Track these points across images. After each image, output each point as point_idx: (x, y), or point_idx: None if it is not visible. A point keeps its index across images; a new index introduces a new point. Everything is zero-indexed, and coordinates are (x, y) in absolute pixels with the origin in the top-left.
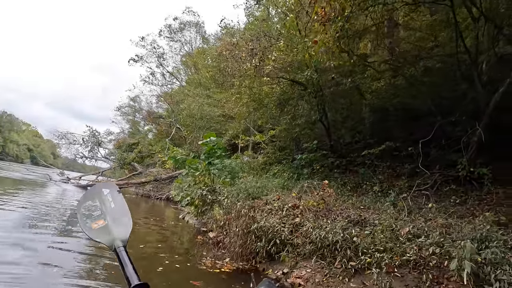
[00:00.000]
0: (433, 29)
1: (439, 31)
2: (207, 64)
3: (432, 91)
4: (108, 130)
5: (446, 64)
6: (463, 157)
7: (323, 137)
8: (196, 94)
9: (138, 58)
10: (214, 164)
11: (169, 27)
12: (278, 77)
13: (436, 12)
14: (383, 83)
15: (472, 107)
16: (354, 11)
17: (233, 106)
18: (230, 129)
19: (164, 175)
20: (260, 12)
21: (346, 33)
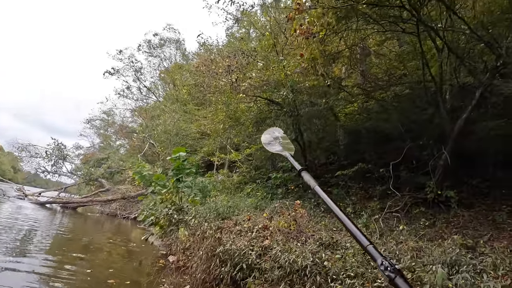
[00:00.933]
0: (402, 59)
1: (407, 60)
2: (184, 80)
3: (402, 115)
4: (77, 144)
5: (414, 90)
6: (431, 180)
7: (299, 157)
8: (173, 110)
9: (114, 71)
10: (183, 181)
11: (148, 42)
12: (255, 96)
13: (405, 43)
14: (356, 106)
15: (438, 132)
16: (328, 34)
17: (210, 122)
18: (205, 146)
19: (134, 192)
20: (241, 34)
21: (321, 54)
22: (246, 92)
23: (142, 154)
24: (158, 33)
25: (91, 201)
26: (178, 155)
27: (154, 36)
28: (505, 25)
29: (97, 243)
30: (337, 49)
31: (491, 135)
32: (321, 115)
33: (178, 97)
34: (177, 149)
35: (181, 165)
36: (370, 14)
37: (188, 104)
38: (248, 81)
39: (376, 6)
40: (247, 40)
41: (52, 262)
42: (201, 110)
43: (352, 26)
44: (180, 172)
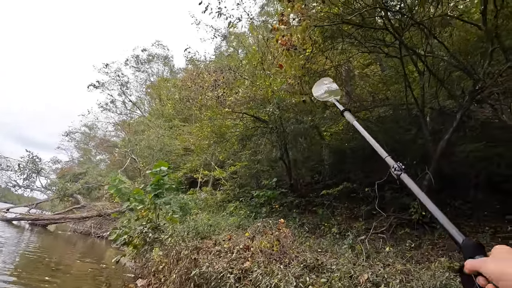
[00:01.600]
0: (385, 81)
1: (390, 83)
2: (169, 95)
3: (386, 136)
4: (55, 158)
5: (397, 112)
6: (415, 200)
7: (284, 176)
8: (157, 125)
9: (99, 84)
10: (162, 197)
11: (136, 57)
12: (241, 112)
13: (388, 67)
14: (341, 126)
15: (422, 153)
16: (314, 52)
17: (194, 138)
18: (188, 162)
19: (111, 209)
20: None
21: (306, 72)
22: (232, 107)
23: (123, 169)
24: (146, 49)
25: (63, 218)
26: (159, 169)
27: (142, 51)
28: (480, 53)
29: (65, 264)
30: (323, 68)
31: (471, 157)
32: (307, 133)
33: (163, 112)
34: (159, 163)
35: (161, 180)
36: (355, 35)
37: (174, 120)
38: (234, 96)
39: (360, 27)
40: (235, 57)
41: (13, 284)
42: (186, 126)
43: (337, 46)
44: (159, 187)
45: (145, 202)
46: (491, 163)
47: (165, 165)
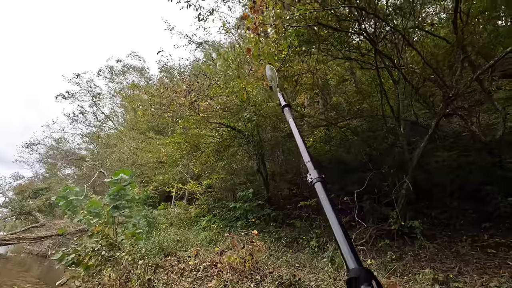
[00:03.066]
0: (361, 89)
1: (366, 96)
2: (141, 102)
3: (363, 144)
4: (17, 173)
5: (374, 121)
6: (393, 210)
7: (261, 189)
8: (130, 137)
9: (69, 95)
10: (121, 209)
11: (110, 68)
12: (217, 122)
13: (361, 83)
14: (318, 137)
15: (399, 161)
16: (290, 54)
17: (167, 149)
18: (160, 174)
19: (73, 228)
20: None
21: (283, 75)
22: (206, 117)
23: (90, 184)
24: (121, 60)
25: (16, 239)
26: (120, 177)
27: (117, 62)
28: (449, 64)
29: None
30: (299, 72)
31: (445, 166)
32: (284, 142)
33: (137, 123)
34: (120, 171)
35: (121, 190)
36: (331, 41)
37: (148, 133)
38: (209, 102)
39: (336, 31)
40: (209, 64)
41: None
42: (161, 139)
43: (314, 52)
44: (120, 198)
45: (101, 215)
46: (464, 172)
47: (127, 173)
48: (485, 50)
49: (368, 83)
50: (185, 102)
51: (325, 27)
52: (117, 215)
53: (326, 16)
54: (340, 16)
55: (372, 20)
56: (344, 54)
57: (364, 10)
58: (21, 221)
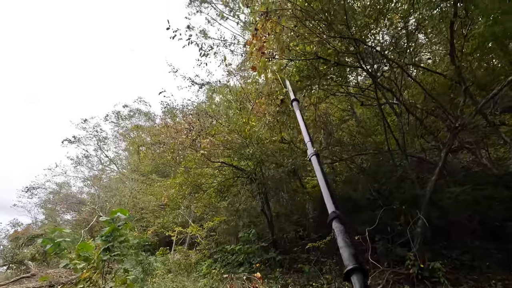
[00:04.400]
0: (364, 124)
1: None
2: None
3: (370, 180)
4: (15, 220)
5: (380, 154)
6: (410, 251)
7: (266, 232)
8: (132, 179)
9: (75, 139)
10: (113, 251)
11: (117, 113)
12: (218, 162)
13: (362, 121)
14: None
15: (410, 197)
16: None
17: (167, 188)
18: (160, 217)
19: (67, 277)
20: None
21: (285, 109)
22: (207, 155)
23: (88, 229)
24: (128, 105)
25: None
26: (117, 216)
27: (123, 107)
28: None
29: None
30: (301, 105)
31: (459, 201)
32: (288, 181)
33: (140, 165)
34: (117, 210)
35: (115, 231)
36: (332, 75)
37: (150, 175)
38: (210, 139)
39: (336, 65)
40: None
41: None
42: (163, 181)
43: (314, 87)
44: (114, 240)
45: (91, 259)
46: (482, 207)
47: (124, 212)
48: (484, 83)
49: (370, 118)
50: (185, 140)
51: (324, 60)
52: (107, 258)
53: (325, 51)
54: (339, 50)
55: (370, 55)
56: (345, 90)
57: (362, 42)
58: (12, 270)
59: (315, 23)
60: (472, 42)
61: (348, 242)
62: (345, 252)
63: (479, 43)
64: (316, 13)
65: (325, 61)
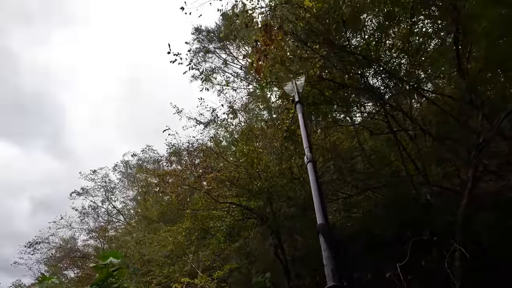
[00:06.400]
0: (376, 151)
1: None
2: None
3: (393, 211)
4: (18, 281)
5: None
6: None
7: (281, 277)
8: (138, 229)
9: (83, 191)
10: None
11: (126, 163)
12: (227, 203)
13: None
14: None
15: (441, 225)
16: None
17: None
18: (166, 266)
19: None
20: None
21: (292, 139)
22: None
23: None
24: (136, 154)
25: None
26: (109, 261)
27: (132, 156)
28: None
29: None
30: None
31: (498, 228)
32: (300, 217)
33: (147, 211)
34: (109, 253)
35: (109, 278)
36: (337, 100)
37: (158, 223)
38: (216, 173)
39: (342, 87)
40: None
41: None
42: (168, 227)
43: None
44: (106, 286)
45: None
46: None
47: (117, 256)
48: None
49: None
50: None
51: (329, 85)
52: None
53: (330, 72)
54: (344, 70)
55: (377, 75)
56: (351, 113)
57: (367, 59)
58: None
59: (317, 44)
60: (476, 64)
61: (331, 260)
62: (328, 269)
63: (486, 64)
64: (317, 34)
65: (330, 86)
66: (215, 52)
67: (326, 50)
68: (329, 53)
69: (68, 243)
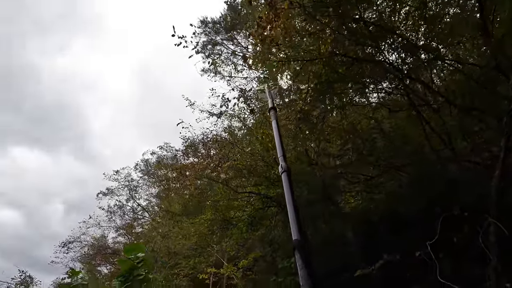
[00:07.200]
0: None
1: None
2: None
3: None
4: (58, 280)
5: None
6: (486, 266)
7: None
8: (163, 224)
9: (108, 191)
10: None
11: (146, 161)
12: (245, 192)
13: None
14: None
15: (471, 200)
16: (311, 94)
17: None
18: (191, 257)
19: None
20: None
21: (306, 116)
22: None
23: None
24: (155, 152)
25: None
26: (133, 255)
27: (151, 154)
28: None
29: None
30: (323, 115)
31: None
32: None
33: (170, 207)
34: (132, 246)
35: (134, 270)
36: (352, 76)
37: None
38: (232, 162)
39: (356, 61)
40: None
41: None
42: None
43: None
44: (132, 278)
45: None
46: None
47: (141, 248)
48: None
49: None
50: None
51: (342, 61)
52: None
53: (343, 46)
54: (357, 44)
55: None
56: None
57: (382, 30)
58: None
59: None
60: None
61: (308, 279)
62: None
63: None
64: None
65: (343, 62)
66: (222, 43)
67: (337, 24)
68: (340, 26)
69: (99, 241)
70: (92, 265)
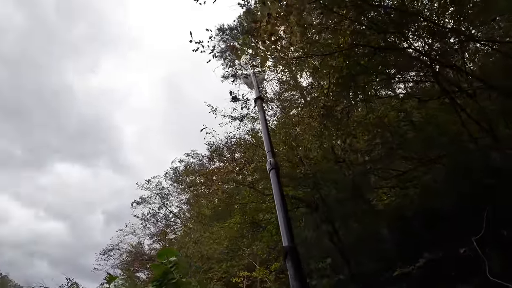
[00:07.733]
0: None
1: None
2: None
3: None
4: (101, 286)
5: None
6: None
7: (339, 265)
8: (194, 230)
9: (142, 200)
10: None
11: (175, 169)
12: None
13: None
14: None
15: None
16: (332, 88)
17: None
18: (224, 261)
19: None
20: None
21: (330, 112)
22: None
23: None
24: (182, 160)
25: None
26: (166, 259)
27: (179, 162)
28: None
29: None
30: (347, 109)
31: None
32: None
33: (200, 212)
34: (165, 251)
35: (168, 274)
36: (377, 68)
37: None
38: (257, 163)
39: (378, 50)
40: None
41: None
42: (220, 223)
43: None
44: (165, 283)
45: None
46: None
47: (173, 253)
48: None
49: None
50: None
51: (364, 53)
52: None
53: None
54: (379, 33)
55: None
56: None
57: (405, 14)
58: None
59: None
60: None
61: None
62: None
63: None
64: None
65: (365, 53)
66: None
67: (355, 14)
68: (359, 15)
69: (136, 248)
70: (130, 271)
